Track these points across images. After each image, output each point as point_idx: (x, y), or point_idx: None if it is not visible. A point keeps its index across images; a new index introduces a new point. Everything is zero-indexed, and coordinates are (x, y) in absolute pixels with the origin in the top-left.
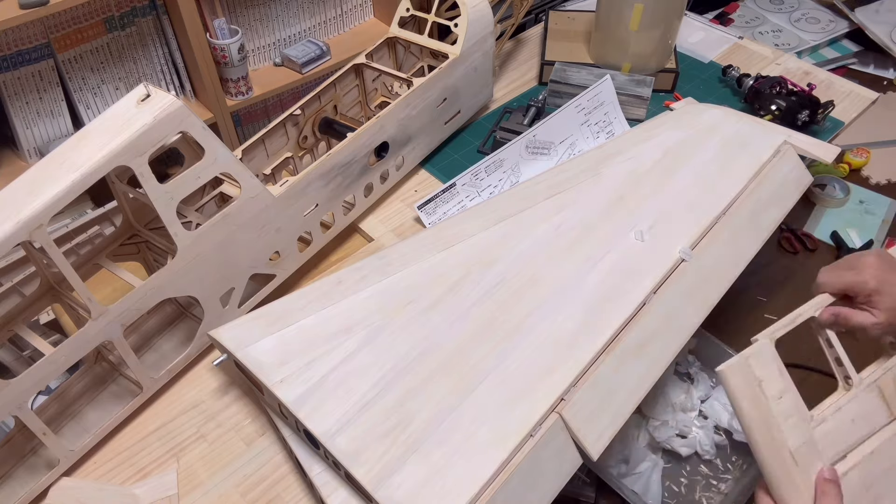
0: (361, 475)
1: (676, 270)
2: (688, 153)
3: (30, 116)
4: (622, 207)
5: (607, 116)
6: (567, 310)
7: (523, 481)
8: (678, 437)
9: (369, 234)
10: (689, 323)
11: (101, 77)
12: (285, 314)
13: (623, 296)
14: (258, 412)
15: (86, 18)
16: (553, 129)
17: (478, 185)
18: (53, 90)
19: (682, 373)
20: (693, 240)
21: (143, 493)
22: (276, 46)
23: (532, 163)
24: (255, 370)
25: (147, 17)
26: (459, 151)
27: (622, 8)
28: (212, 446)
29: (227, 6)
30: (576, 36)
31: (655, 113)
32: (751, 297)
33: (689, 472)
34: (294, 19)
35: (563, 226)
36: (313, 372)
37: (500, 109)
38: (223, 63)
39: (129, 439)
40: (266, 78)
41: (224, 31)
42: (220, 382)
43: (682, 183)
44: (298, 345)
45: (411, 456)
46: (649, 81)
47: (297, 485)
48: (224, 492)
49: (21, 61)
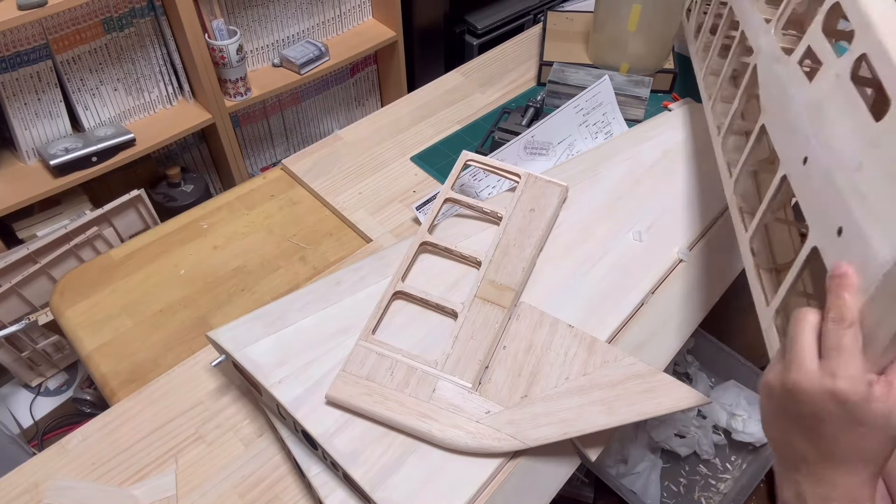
0: (359, 476)
1: (675, 271)
2: (686, 154)
3: (28, 117)
4: (620, 208)
5: (606, 117)
6: (565, 310)
7: (521, 482)
8: (677, 436)
9: (368, 235)
10: (687, 323)
11: (100, 78)
12: (283, 315)
13: (621, 296)
14: (256, 413)
15: (84, 19)
16: (551, 129)
17: (476, 185)
18: (52, 91)
19: (680, 373)
20: (691, 240)
21: (141, 493)
22: (275, 47)
23: (531, 163)
24: (253, 371)
25: (145, 18)
26: (458, 152)
27: (620, 8)
28: (210, 447)
29: (225, 7)
30: (574, 36)
31: (654, 113)
32: (749, 297)
33: (688, 471)
34: (293, 20)
35: (562, 226)
36: (311, 373)
37: (498, 110)
38: (221, 64)
39: (127, 440)
40: (265, 79)
41: (222, 31)
42: (218, 383)
43: (680, 183)
44: (296, 346)
45: (409, 457)
46: (647, 82)
47: (296, 485)
48: (222, 492)
49: (19, 62)
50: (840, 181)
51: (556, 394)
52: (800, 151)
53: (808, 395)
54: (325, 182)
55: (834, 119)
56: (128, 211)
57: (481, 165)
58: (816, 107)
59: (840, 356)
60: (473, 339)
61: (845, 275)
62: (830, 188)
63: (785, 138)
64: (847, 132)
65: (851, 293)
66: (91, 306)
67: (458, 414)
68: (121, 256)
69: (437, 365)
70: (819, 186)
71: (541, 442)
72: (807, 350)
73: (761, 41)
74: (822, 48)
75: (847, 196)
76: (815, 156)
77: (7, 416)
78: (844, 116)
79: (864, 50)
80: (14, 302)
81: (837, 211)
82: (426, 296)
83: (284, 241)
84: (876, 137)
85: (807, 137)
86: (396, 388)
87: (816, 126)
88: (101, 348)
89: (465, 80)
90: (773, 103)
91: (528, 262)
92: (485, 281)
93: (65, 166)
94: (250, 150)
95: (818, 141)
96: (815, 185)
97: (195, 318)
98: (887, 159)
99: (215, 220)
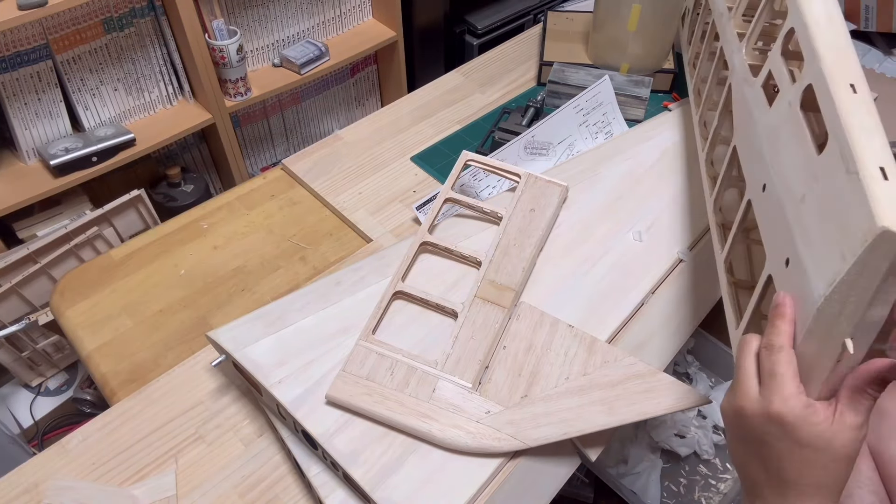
0: (359, 476)
1: (675, 271)
2: (686, 154)
3: (28, 117)
4: (621, 208)
5: (606, 117)
6: (565, 309)
7: (521, 482)
8: (677, 436)
9: (368, 235)
10: (687, 323)
11: (100, 78)
12: (283, 315)
13: (621, 296)
14: (256, 413)
15: (84, 19)
16: (552, 129)
17: (476, 185)
18: (52, 91)
19: (680, 373)
20: (691, 240)
21: (141, 493)
22: (275, 47)
23: (531, 163)
24: (253, 371)
25: (145, 18)
26: (458, 152)
27: (620, 9)
28: (210, 447)
29: (225, 7)
30: (574, 36)
31: (654, 113)
32: None
33: (688, 471)
34: (293, 20)
35: (562, 226)
36: (311, 373)
37: (498, 110)
38: (222, 64)
39: (127, 440)
40: (265, 79)
41: (222, 31)
42: (218, 383)
43: (680, 183)
44: (297, 346)
45: (409, 457)
46: (648, 82)
47: (296, 485)
48: (223, 492)
49: (19, 62)
50: (788, 212)
51: (556, 394)
52: (761, 177)
53: (751, 418)
54: (325, 182)
55: (785, 148)
56: (128, 211)
57: (481, 165)
58: (774, 134)
59: (773, 379)
60: (473, 339)
61: (781, 304)
62: (781, 218)
63: (750, 162)
64: (796, 162)
65: (786, 321)
66: (91, 306)
67: (458, 414)
68: (121, 256)
69: (437, 365)
70: (774, 215)
71: (541, 442)
72: (748, 375)
73: (734, 59)
74: (780, 72)
75: (793, 227)
76: (772, 184)
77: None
78: (794, 146)
79: (811, 80)
80: (14, 302)
81: (785, 241)
82: (426, 296)
83: (284, 241)
84: (817, 170)
85: (766, 164)
86: (396, 388)
87: (773, 153)
88: (101, 348)
89: (465, 80)
90: (742, 125)
91: (529, 262)
92: (485, 281)
93: (65, 166)
94: (250, 150)
95: (774, 170)
96: (771, 214)
97: (195, 318)
98: (823, 194)
99: (215, 220)
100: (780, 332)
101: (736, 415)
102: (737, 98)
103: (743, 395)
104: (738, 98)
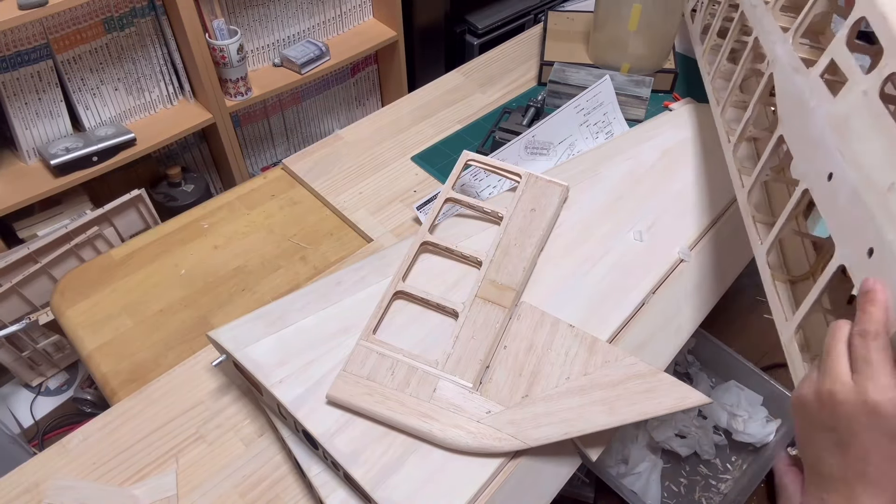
0: (360, 475)
1: (676, 271)
2: (687, 153)
3: (29, 117)
4: (621, 207)
5: (606, 117)
6: (566, 309)
7: (522, 482)
8: (677, 437)
9: (368, 235)
10: (688, 323)
11: (101, 78)
12: (284, 315)
13: (622, 296)
14: (257, 413)
15: (85, 19)
16: (552, 129)
17: (477, 185)
18: (52, 91)
19: (681, 373)
20: (692, 240)
21: (142, 493)
22: (276, 47)
23: (531, 163)
24: (254, 371)
25: (146, 18)
26: (458, 152)
27: (621, 8)
28: (211, 447)
29: (226, 7)
30: (575, 36)
31: (654, 113)
32: (750, 297)
33: (689, 472)
34: (293, 20)
35: (563, 225)
36: (312, 372)
37: (499, 110)
38: (222, 63)
39: (128, 440)
40: (265, 78)
41: (223, 31)
42: (218, 383)
43: (681, 183)
44: (297, 345)
45: (410, 457)
46: (648, 82)
47: (296, 485)
48: (223, 492)
49: (20, 62)
50: (870, 201)
51: (556, 394)
52: (824, 167)
53: (842, 404)
54: (325, 182)
55: (862, 137)
56: (128, 211)
57: (482, 165)
58: (843, 123)
59: (868, 366)
60: (474, 338)
61: (872, 290)
62: (860, 207)
63: (805, 151)
64: (877, 151)
65: (878, 307)
66: (91, 306)
67: (458, 414)
68: (121, 256)
69: (437, 365)
70: (846, 205)
71: (541, 442)
72: (840, 360)
73: (777, 50)
74: (848, 64)
75: (878, 217)
76: (842, 173)
77: (7, 415)
78: (874, 135)
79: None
80: (14, 301)
81: (868, 231)
82: (427, 295)
83: (285, 241)
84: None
85: (832, 153)
86: (397, 387)
87: (843, 142)
88: (101, 348)
89: (465, 80)
90: (791, 114)
91: (529, 262)
92: (485, 281)
93: (65, 166)
94: (251, 149)
95: (845, 158)
96: (842, 203)
97: (196, 317)
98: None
99: (216, 219)
100: (873, 319)
101: (822, 401)
102: (783, 89)
103: (834, 379)
104: (784, 89)
